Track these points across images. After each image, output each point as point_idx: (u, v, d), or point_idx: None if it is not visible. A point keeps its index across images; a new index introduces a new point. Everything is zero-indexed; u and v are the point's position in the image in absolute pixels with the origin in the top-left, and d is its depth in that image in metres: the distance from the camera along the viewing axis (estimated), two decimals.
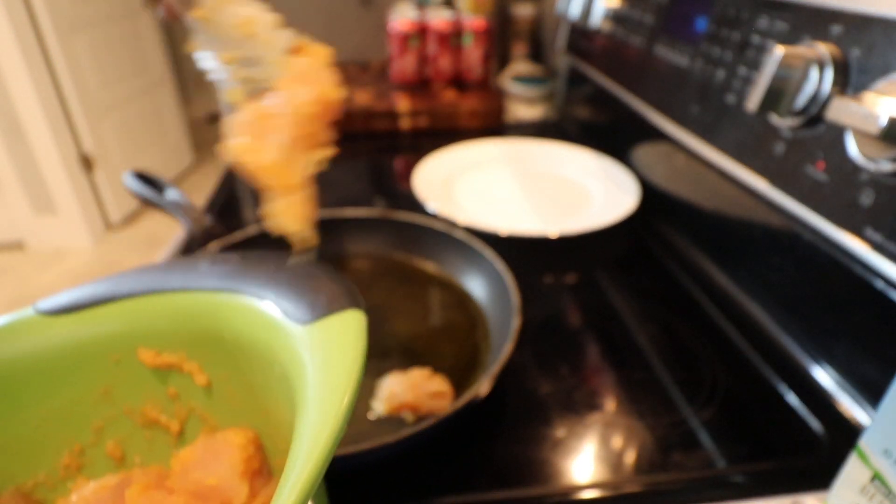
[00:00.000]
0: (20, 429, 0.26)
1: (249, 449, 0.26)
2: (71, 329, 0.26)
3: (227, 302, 0.25)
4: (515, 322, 0.44)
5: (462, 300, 0.55)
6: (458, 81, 1.14)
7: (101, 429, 0.28)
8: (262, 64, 0.31)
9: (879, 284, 0.39)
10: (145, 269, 0.28)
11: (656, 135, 0.69)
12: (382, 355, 0.48)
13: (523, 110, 1.14)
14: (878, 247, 0.38)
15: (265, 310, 0.23)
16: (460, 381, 0.45)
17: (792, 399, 0.44)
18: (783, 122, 0.46)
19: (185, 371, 0.28)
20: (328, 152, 0.33)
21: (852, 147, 0.39)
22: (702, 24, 0.58)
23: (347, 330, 0.20)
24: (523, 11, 1.24)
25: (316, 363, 0.19)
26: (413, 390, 0.42)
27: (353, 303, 0.21)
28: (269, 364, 0.23)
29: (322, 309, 0.21)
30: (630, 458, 0.39)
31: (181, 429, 0.29)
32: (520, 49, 1.28)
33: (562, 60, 1.07)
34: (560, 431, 0.41)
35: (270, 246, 0.59)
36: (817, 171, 0.43)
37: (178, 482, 0.25)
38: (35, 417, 0.26)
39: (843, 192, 0.40)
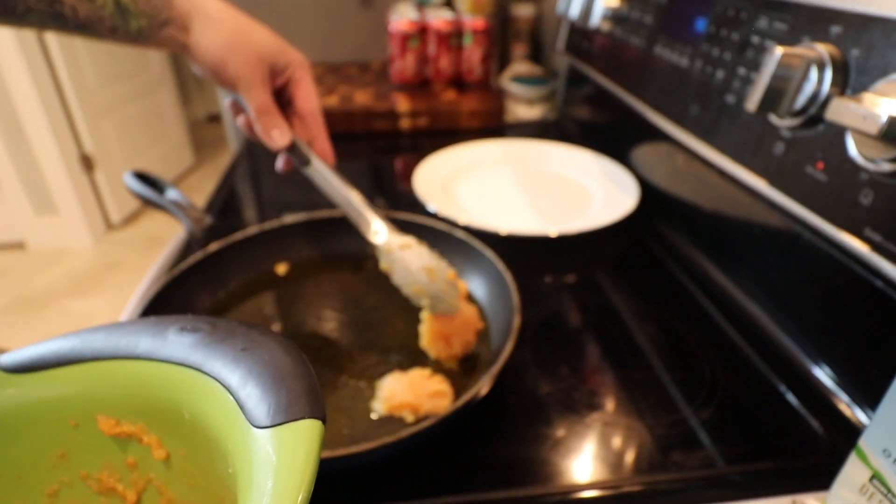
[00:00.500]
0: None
1: None
2: (30, 388, 0.25)
3: (189, 380, 0.24)
4: (515, 322, 0.44)
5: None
6: (458, 81, 1.14)
7: (55, 492, 0.27)
8: (441, 298, 0.45)
9: (879, 284, 0.39)
10: (114, 328, 0.27)
11: (656, 135, 0.69)
12: (382, 355, 0.48)
13: (523, 110, 1.14)
14: (877, 247, 0.38)
15: (225, 396, 0.23)
16: (460, 381, 0.45)
17: (792, 399, 0.44)
18: (783, 123, 0.46)
19: (145, 443, 0.27)
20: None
21: (852, 147, 0.39)
22: (701, 24, 0.58)
23: (302, 442, 0.20)
24: (523, 11, 1.24)
25: (263, 473, 0.19)
26: (413, 390, 0.42)
27: (313, 410, 0.21)
28: (222, 454, 0.23)
29: (281, 414, 0.21)
30: (630, 457, 0.39)
31: (138, 499, 0.28)
32: (520, 49, 1.28)
33: (562, 60, 1.08)
34: (560, 431, 0.42)
35: (270, 246, 0.59)
36: (817, 171, 0.43)
37: None
38: (14, 473, 0.25)
39: (843, 193, 0.40)
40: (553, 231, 0.64)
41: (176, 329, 0.25)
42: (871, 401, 0.41)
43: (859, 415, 0.41)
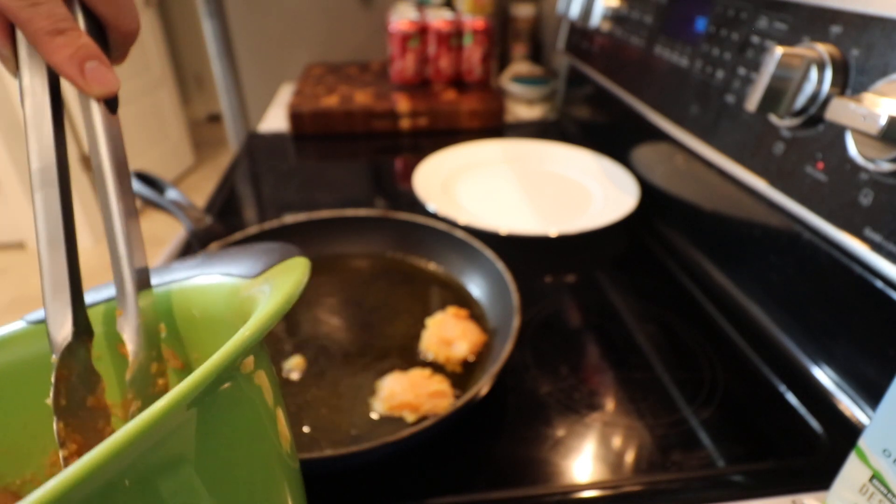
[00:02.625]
0: (8, 431, 0.27)
1: None
2: None
3: (194, 285, 0.28)
4: (515, 322, 0.44)
5: (462, 300, 0.55)
6: (458, 81, 1.14)
7: None
8: None
9: (879, 284, 0.39)
10: None
11: (656, 135, 0.69)
12: (382, 355, 0.48)
13: (523, 110, 1.14)
14: (877, 247, 0.38)
15: (227, 280, 0.26)
16: (460, 381, 0.45)
17: (792, 399, 0.44)
18: (782, 123, 0.46)
19: (163, 358, 0.29)
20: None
21: (851, 147, 0.39)
22: (701, 24, 0.58)
23: (294, 264, 0.24)
24: (523, 11, 1.24)
25: (269, 289, 0.23)
26: (413, 390, 0.42)
27: (300, 254, 0.25)
28: (234, 326, 0.25)
29: (274, 261, 0.25)
30: (630, 457, 0.39)
31: None
32: (520, 49, 1.28)
33: (562, 60, 1.08)
34: (560, 431, 0.42)
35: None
36: (817, 171, 0.43)
37: None
38: (22, 420, 0.27)
39: (843, 193, 0.40)
40: (553, 231, 0.64)
41: (178, 262, 0.30)
42: (871, 401, 0.41)
43: (859, 415, 0.41)
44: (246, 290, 0.25)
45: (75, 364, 0.25)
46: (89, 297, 0.28)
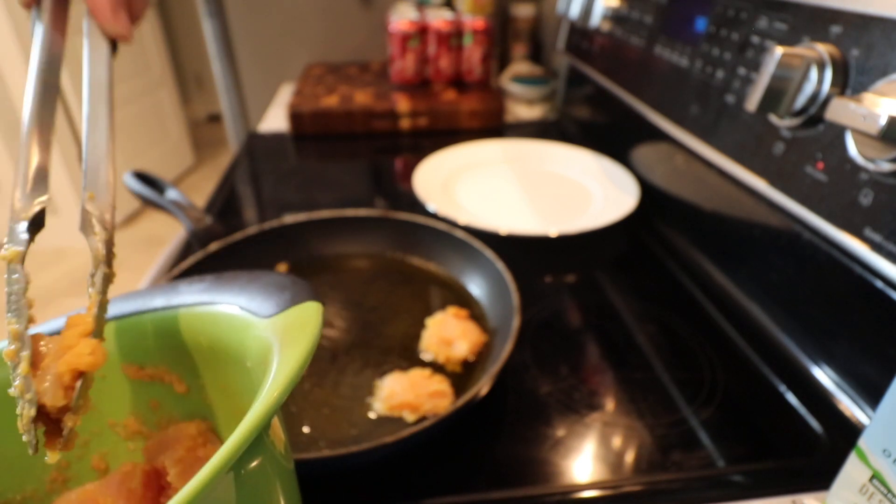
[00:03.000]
0: (10, 447, 0.26)
1: (198, 439, 0.28)
2: None
3: (203, 313, 0.27)
4: (515, 322, 0.44)
5: (462, 300, 0.55)
6: (458, 81, 1.14)
7: (86, 443, 0.30)
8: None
9: (879, 284, 0.39)
10: (129, 295, 0.30)
11: (656, 135, 0.69)
12: (382, 355, 0.48)
13: (523, 110, 1.14)
14: (877, 247, 0.38)
15: (237, 313, 0.26)
16: (460, 381, 0.45)
17: (792, 399, 0.44)
18: (782, 123, 0.46)
19: (166, 381, 0.29)
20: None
21: (851, 147, 0.39)
22: (701, 24, 0.58)
23: (307, 314, 0.23)
24: (523, 11, 1.24)
25: (280, 342, 0.22)
26: (413, 390, 0.42)
27: (313, 297, 0.24)
28: (241, 360, 0.25)
29: (286, 303, 0.24)
30: (630, 457, 0.39)
31: None
32: (520, 49, 1.28)
33: (562, 60, 1.08)
34: (560, 431, 0.41)
35: (270, 246, 0.59)
36: (817, 171, 0.43)
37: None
38: (20, 435, 0.27)
39: (843, 193, 0.40)
40: (553, 231, 0.64)
41: (185, 284, 0.29)
42: (871, 401, 0.41)
43: (859, 415, 0.41)
44: (257, 330, 0.24)
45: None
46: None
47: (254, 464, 0.19)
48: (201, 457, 0.27)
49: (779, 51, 0.41)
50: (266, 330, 0.23)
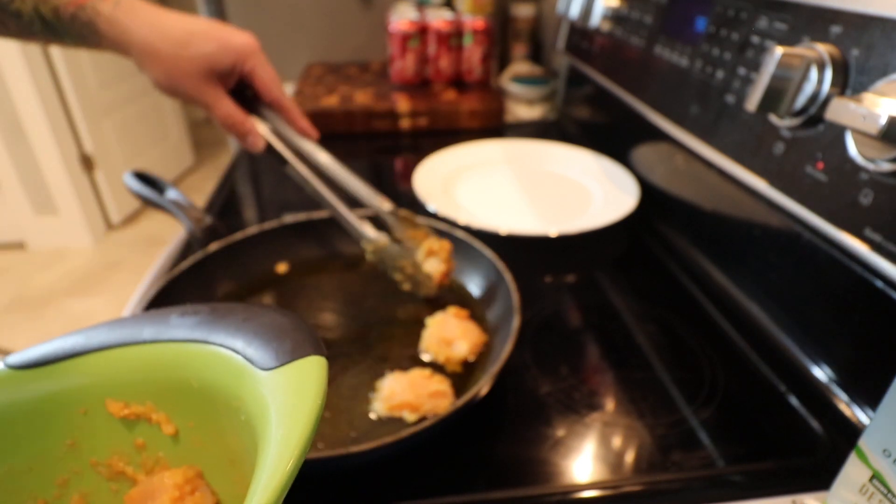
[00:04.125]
0: None
1: (185, 488, 0.26)
2: (40, 383, 0.26)
3: (196, 352, 0.25)
4: (515, 322, 0.44)
5: (462, 300, 0.55)
6: (458, 81, 1.14)
7: (66, 482, 0.28)
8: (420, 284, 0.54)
9: (879, 284, 0.39)
10: (117, 322, 0.28)
11: (656, 135, 0.69)
12: (382, 355, 0.48)
13: (523, 110, 1.14)
14: (877, 247, 0.38)
15: (232, 358, 0.24)
16: (460, 381, 0.45)
17: (792, 399, 0.44)
18: (783, 123, 0.46)
19: (154, 421, 0.27)
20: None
21: (851, 147, 0.39)
22: (701, 24, 0.58)
23: (309, 374, 0.21)
24: (523, 11, 1.24)
25: (278, 405, 0.20)
26: (413, 390, 0.42)
27: (316, 350, 0.22)
28: (235, 411, 0.23)
29: (286, 355, 0.22)
30: (630, 457, 0.39)
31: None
32: (520, 49, 1.28)
33: (562, 60, 1.08)
34: (560, 431, 0.41)
35: (270, 246, 0.59)
36: (817, 171, 0.43)
37: None
38: (7, 465, 0.25)
39: (843, 192, 0.40)
40: (553, 231, 0.64)
41: (177, 314, 0.27)
42: (871, 401, 0.41)
43: (859, 415, 0.41)
44: (254, 382, 0.22)
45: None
46: (79, 342, 0.27)
47: None
48: None
49: (779, 51, 0.41)
50: (265, 385, 0.21)
